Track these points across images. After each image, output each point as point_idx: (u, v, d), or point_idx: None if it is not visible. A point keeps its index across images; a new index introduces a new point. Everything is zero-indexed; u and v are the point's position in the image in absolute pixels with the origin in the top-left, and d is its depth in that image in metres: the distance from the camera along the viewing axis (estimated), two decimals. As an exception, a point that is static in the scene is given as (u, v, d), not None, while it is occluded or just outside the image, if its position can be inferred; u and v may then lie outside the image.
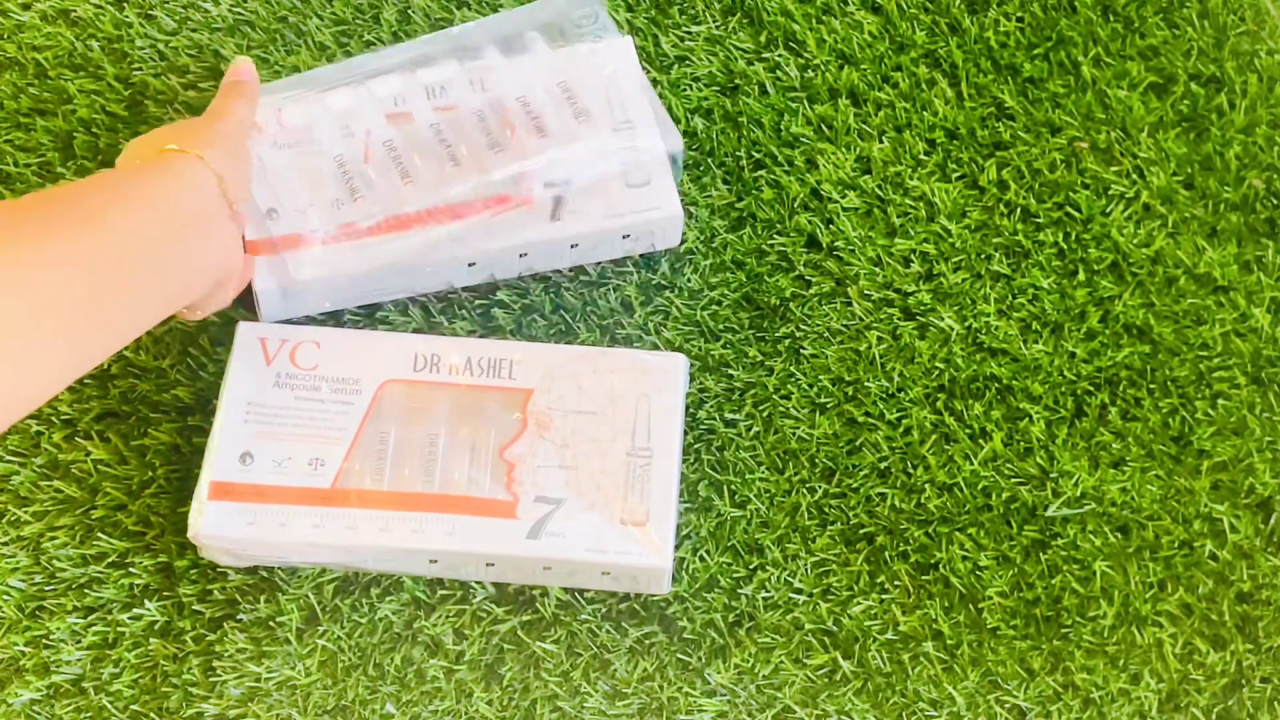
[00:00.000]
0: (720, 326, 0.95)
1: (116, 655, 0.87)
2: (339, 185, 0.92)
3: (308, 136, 0.93)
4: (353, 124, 0.93)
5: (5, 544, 0.89)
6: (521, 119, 0.93)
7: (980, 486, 0.92)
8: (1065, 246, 0.98)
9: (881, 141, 1.00)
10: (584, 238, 0.93)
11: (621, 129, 0.94)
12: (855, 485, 0.92)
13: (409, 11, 1.03)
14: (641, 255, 0.96)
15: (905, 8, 1.04)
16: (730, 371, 0.94)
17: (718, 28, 1.03)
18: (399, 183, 0.91)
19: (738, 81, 1.02)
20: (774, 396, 0.94)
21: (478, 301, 0.95)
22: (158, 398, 0.92)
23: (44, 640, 0.87)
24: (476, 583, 0.89)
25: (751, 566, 0.90)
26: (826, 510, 0.91)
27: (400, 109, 0.94)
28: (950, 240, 0.98)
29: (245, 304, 0.94)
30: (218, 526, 0.84)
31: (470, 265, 0.93)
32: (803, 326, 0.96)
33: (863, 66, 1.02)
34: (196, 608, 0.88)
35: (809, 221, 0.98)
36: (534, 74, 0.95)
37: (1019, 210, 0.99)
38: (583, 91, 0.94)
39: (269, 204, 0.91)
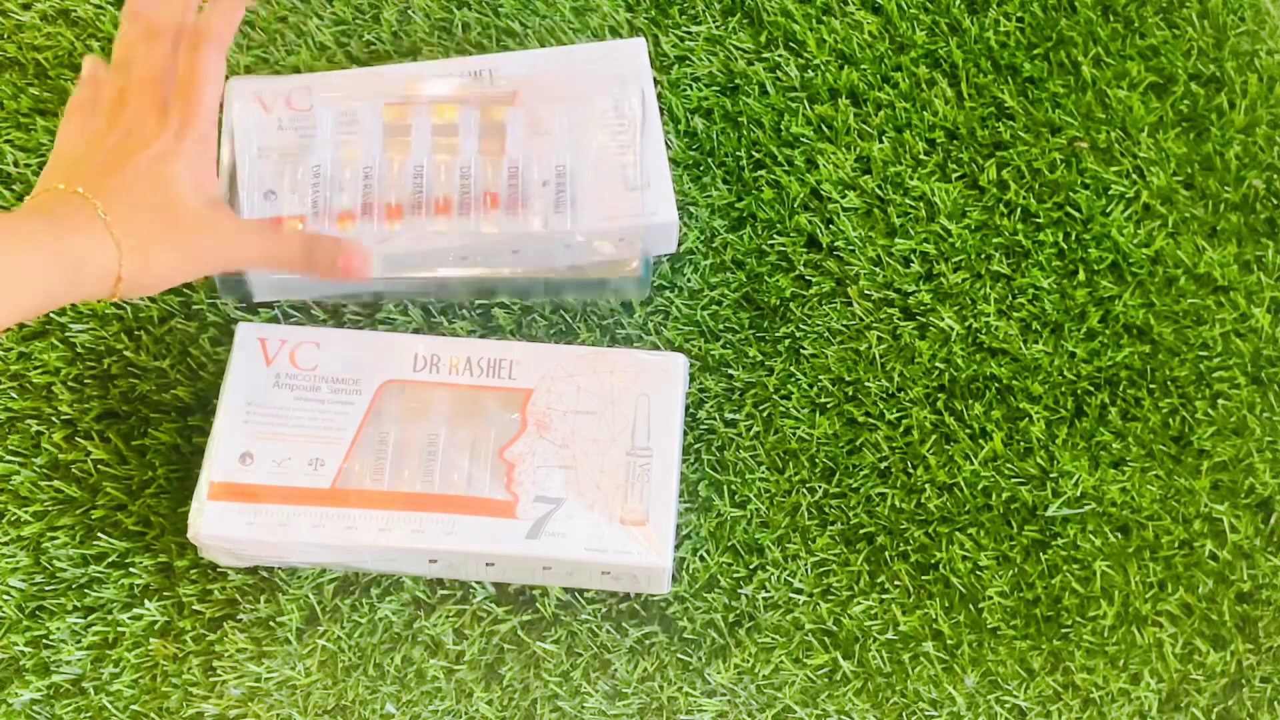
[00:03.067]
0: (720, 326, 0.95)
1: (116, 655, 0.87)
2: (333, 176, 0.92)
3: (312, 122, 0.93)
4: (359, 120, 0.93)
5: (5, 544, 0.89)
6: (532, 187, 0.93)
7: (980, 486, 0.92)
8: (1065, 246, 0.98)
9: (881, 141, 1.00)
10: (580, 233, 0.93)
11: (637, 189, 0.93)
12: (855, 485, 0.92)
13: (409, 11, 1.03)
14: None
15: (905, 8, 1.04)
16: (730, 371, 0.94)
17: (718, 28, 1.03)
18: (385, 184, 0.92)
19: (738, 81, 1.02)
20: (774, 396, 0.94)
21: (478, 302, 0.95)
22: (158, 398, 0.92)
23: (44, 640, 0.87)
24: (476, 583, 0.89)
25: (751, 566, 0.90)
26: (826, 510, 0.91)
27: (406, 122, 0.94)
28: (950, 240, 0.98)
29: (242, 302, 0.95)
30: (218, 526, 0.84)
31: (464, 258, 0.93)
32: (803, 326, 0.96)
33: (863, 66, 1.02)
34: (196, 608, 0.88)
35: (809, 221, 0.98)
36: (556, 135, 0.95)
37: (1019, 210, 0.99)
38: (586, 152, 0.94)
39: (268, 185, 0.91)
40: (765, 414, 0.93)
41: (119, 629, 0.87)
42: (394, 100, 0.93)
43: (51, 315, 0.94)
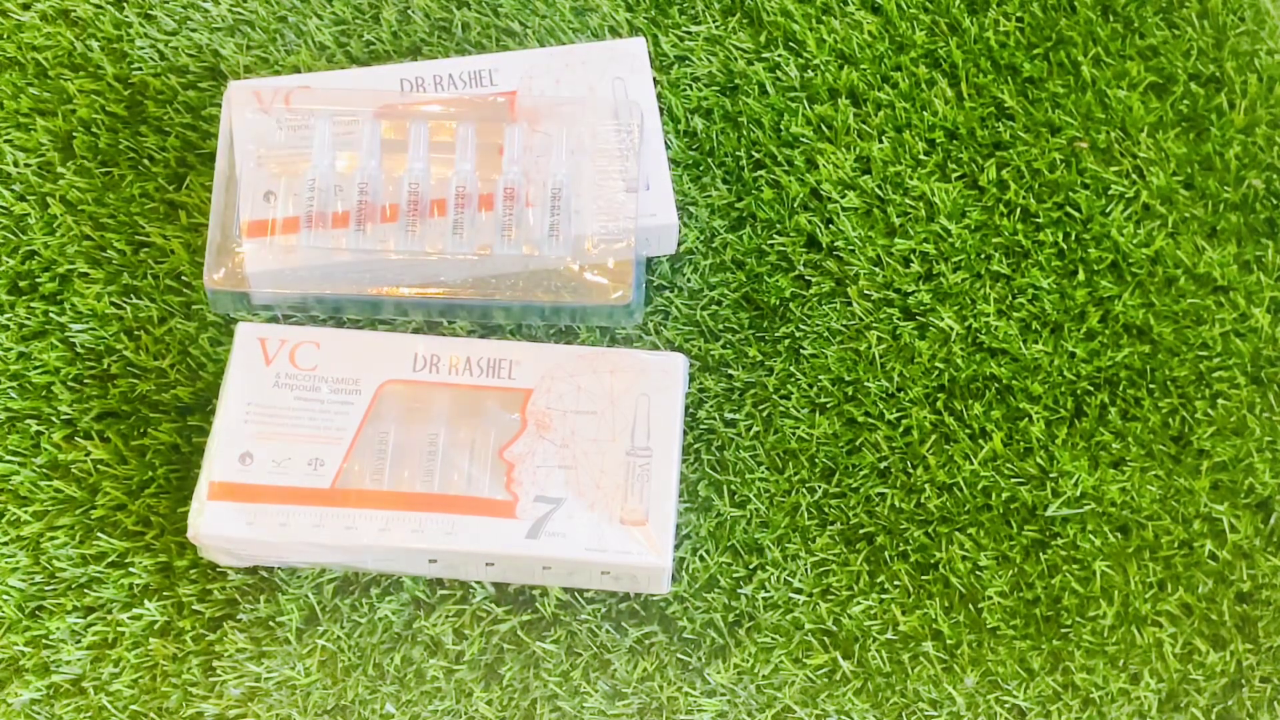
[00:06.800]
0: (720, 326, 0.95)
1: (116, 655, 0.87)
2: (329, 181, 0.92)
3: (311, 125, 0.92)
4: (357, 127, 0.93)
5: (5, 544, 0.89)
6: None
7: (980, 486, 0.92)
8: (1065, 246, 0.98)
9: (881, 141, 1.00)
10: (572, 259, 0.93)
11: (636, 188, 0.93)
12: (855, 485, 0.92)
13: (409, 11, 1.03)
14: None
15: (905, 8, 1.04)
16: (730, 371, 0.94)
17: (718, 28, 1.03)
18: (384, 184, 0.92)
19: (738, 81, 1.02)
20: (774, 396, 0.94)
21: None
22: (158, 398, 0.92)
23: (44, 640, 0.87)
24: (476, 582, 0.89)
25: (751, 566, 0.90)
26: (826, 510, 0.91)
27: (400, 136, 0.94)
28: (950, 240, 0.98)
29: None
30: (218, 526, 0.84)
31: (446, 280, 0.93)
32: (803, 326, 0.96)
33: (863, 66, 1.02)
34: (196, 608, 0.88)
35: (809, 221, 0.98)
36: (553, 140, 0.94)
37: (1019, 210, 0.99)
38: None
39: (267, 186, 0.91)
40: (765, 414, 0.93)
41: (119, 629, 0.87)
42: (393, 109, 0.93)
43: (51, 315, 0.94)
